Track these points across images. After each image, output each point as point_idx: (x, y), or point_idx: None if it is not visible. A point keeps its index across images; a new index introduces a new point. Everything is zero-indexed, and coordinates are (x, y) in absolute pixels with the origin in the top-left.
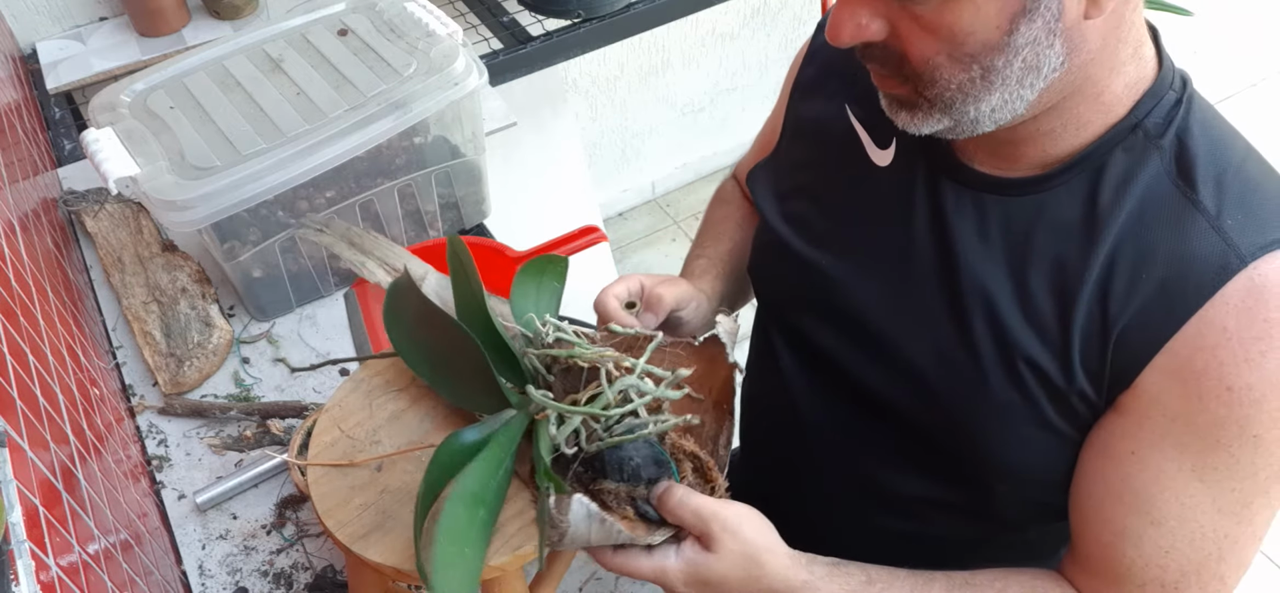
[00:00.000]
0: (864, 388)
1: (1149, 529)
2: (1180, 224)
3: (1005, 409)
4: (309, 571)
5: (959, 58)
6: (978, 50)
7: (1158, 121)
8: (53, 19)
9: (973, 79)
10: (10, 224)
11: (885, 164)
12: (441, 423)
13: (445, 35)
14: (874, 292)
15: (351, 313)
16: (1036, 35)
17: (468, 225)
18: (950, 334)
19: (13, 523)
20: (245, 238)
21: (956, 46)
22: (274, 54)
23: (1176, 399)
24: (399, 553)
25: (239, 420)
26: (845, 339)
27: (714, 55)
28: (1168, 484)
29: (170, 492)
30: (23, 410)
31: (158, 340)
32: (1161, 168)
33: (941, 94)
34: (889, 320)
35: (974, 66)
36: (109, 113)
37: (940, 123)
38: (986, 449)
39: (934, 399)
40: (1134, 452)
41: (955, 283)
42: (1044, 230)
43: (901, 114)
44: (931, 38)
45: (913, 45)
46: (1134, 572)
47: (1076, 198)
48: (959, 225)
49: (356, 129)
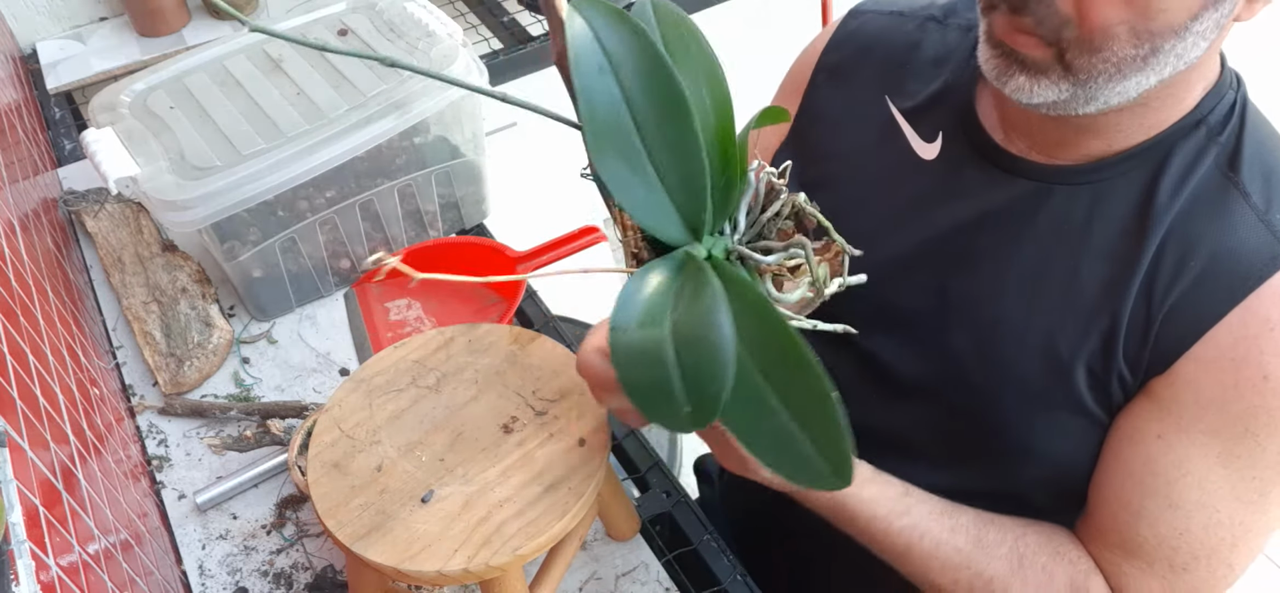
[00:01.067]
0: (894, 375)
1: (1166, 512)
2: (1229, 216)
3: (1044, 396)
4: (309, 571)
5: (1140, 32)
6: (1161, 29)
7: (1218, 119)
8: (53, 19)
9: (1139, 56)
10: (10, 224)
11: (931, 157)
12: (442, 423)
13: (445, 35)
14: (911, 280)
15: (351, 313)
16: (1207, 27)
17: (468, 225)
18: (992, 324)
19: (13, 523)
20: (245, 238)
21: (1144, 20)
22: (274, 54)
23: (1213, 386)
24: (399, 553)
25: (239, 420)
26: (877, 326)
27: None
28: (1191, 470)
29: (170, 492)
30: (23, 410)
31: (158, 340)
32: (1214, 162)
33: (1097, 65)
34: (928, 310)
35: (1146, 45)
36: (109, 113)
37: (1061, 93)
38: (1020, 436)
39: (970, 388)
40: (1161, 436)
41: (1002, 273)
42: (1100, 219)
43: (1018, 77)
44: (1122, 6)
45: (1096, 8)
46: (1145, 549)
47: (1135, 188)
48: (1010, 217)
49: (356, 129)
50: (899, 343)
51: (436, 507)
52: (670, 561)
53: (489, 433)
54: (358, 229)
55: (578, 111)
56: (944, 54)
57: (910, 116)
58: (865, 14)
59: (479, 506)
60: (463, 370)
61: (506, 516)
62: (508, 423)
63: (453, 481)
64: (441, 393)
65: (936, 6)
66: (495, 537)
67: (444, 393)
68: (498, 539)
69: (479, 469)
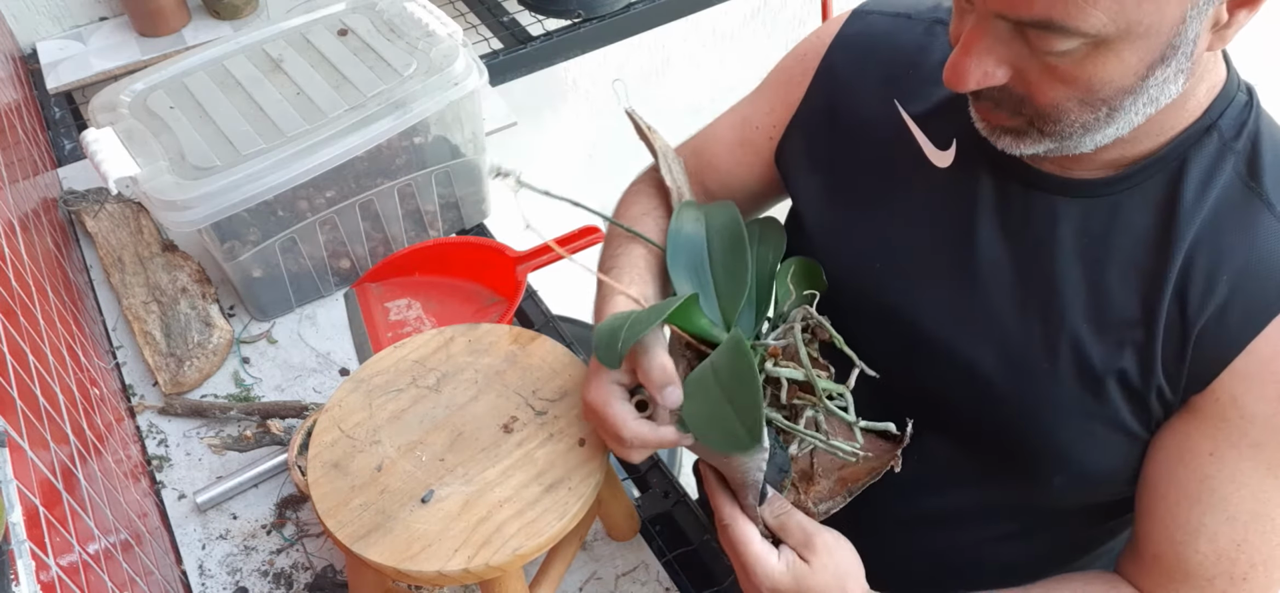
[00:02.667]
0: (916, 392)
1: (1224, 526)
2: (1255, 228)
3: (1074, 408)
4: (309, 571)
5: (1090, 102)
6: (1111, 95)
7: (1231, 124)
8: (53, 19)
9: (1098, 118)
10: (10, 224)
11: (945, 165)
12: (442, 423)
13: (445, 35)
14: (930, 293)
15: (351, 313)
16: (1167, 75)
17: (468, 225)
18: (1016, 336)
19: (13, 523)
20: (245, 238)
21: (1090, 93)
22: (274, 54)
23: (1256, 400)
24: (399, 553)
25: (239, 420)
26: (896, 341)
27: (714, 55)
28: (1244, 482)
29: (170, 492)
30: (23, 410)
31: (158, 340)
32: (1234, 171)
33: (1064, 129)
34: (949, 322)
35: (1103, 108)
36: (109, 113)
37: (1045, 147)
38: (1050, 447)
39: (996, 401)
40: (1212, 452)
41: (1025, 285)
42: (1120, 231)
43: (1004, 138)
44: (1064, 86)
45: (1041, 91)
46: (1205, 566)
47: (1152, 198)
48: (1029, 227)
49: (356, 129)
50: (922, 359)
51: (436, 507)
52: (670, 561)
53: (489, 433)
54: (358, 229)
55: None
56: None
57: (922, 123)
58: (870, 15)
59: (479, 506)
60: (463, 370)
61: (506, 516)
62: (508, 423)
63: (453, 480)
64: (441, 393)
65: (942, 9)
66: (495, 537)
67: (444, 393)
68: (498, 539)
69: (479, 469)
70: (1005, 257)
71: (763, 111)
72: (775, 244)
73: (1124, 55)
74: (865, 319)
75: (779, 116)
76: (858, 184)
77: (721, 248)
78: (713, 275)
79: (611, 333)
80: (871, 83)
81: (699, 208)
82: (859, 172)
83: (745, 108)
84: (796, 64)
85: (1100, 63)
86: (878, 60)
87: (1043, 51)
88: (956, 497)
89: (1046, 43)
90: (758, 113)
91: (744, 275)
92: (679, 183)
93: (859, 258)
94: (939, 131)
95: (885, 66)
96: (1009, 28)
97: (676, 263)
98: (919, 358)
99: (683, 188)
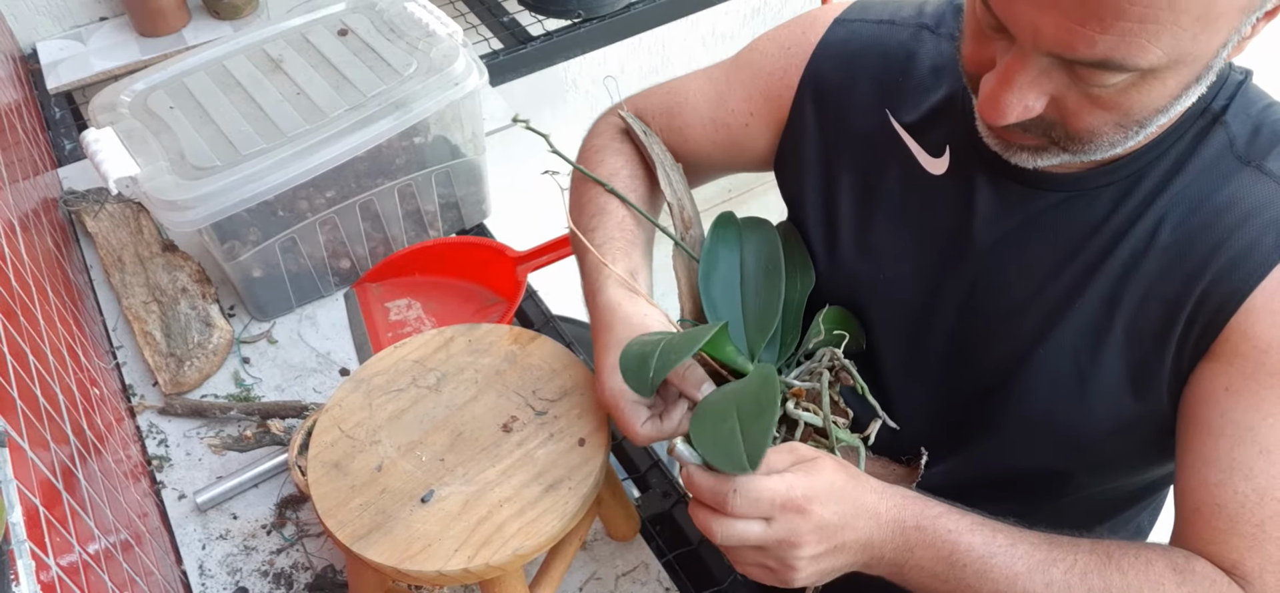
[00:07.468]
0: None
1: (1258, 459)
2: (1254, 192)
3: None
4: (309, 571)
5: (1125, 124)
6: (1146, 117)
7: (1222, 102)
8: (53, 19)
9: (1128, 136)
10: (10, 224)
11: (940, 171)
12: (442, 422)
13: (445, 35)
14: (933, 298)
15: (351, 313)
16: (1196, 90)
17: (468, 225)
18: (1026, 334)
19: (13, 523)
20: (245, 238)
21: (1127, 117)
22: (274, 54)
23: (1268, 329)
24: (399, 553)
25: (239, 420)
26: (900, 350)
27: (714, 55)
28: (1270, 412)
29: (170, 492)
30: (23, 410)
31: (158, 340)
32: (1226, 143)
33: (1089, 149)
34: (954, 327)
35: (1135, 127)
36: (109, 113)
37: (1062, 159)
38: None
39: (1005, 402)
40: (1228, 387)
41: (1028, 284)
42: (1120, 219)
43: (1021, 154)
44: (1104, 112)
45: (1078, 118)
46: (1248, 508)
47: (1151, 184)
48: (1031, 227)
49: (356, 129)
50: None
51: (436, 507)
52: (670, 561)
53: (489, 433)
54: (358, 229)
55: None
56: (942, 63)
57: (914, 131)
58: (853, 22)
59: (479, 505)
60: (463, 370)
61: (506, 516)
62: (508, 423)
63: (453, 480)
64: (441, 393)
65: (926, 14)
66: (495, 537)
67: (444, 393)
68: (498, 539)
69: (479, 469)
70: (1007, 257)
71: (739, 97)
72: (804, 277)
73: (1167, 81)
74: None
75: (758, 110)
76: (860, 198)
77: (755, 275)
78: (743, 302)
79: (640, 360)
80: (862, 94)
81: (735, 224)
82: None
83: (720, 82)
84: (779, 56)
85: (1145, 90)
86: (866, 69)
87: (1090, 85)
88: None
89: (1098, 78)
90: (733, 95)
91: (775, 307)
92: (679, 194)
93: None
94: (931, 140)
95: (874, 76)
96: (1054, 61)
97: (708, 283)
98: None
99: (685, 201)
